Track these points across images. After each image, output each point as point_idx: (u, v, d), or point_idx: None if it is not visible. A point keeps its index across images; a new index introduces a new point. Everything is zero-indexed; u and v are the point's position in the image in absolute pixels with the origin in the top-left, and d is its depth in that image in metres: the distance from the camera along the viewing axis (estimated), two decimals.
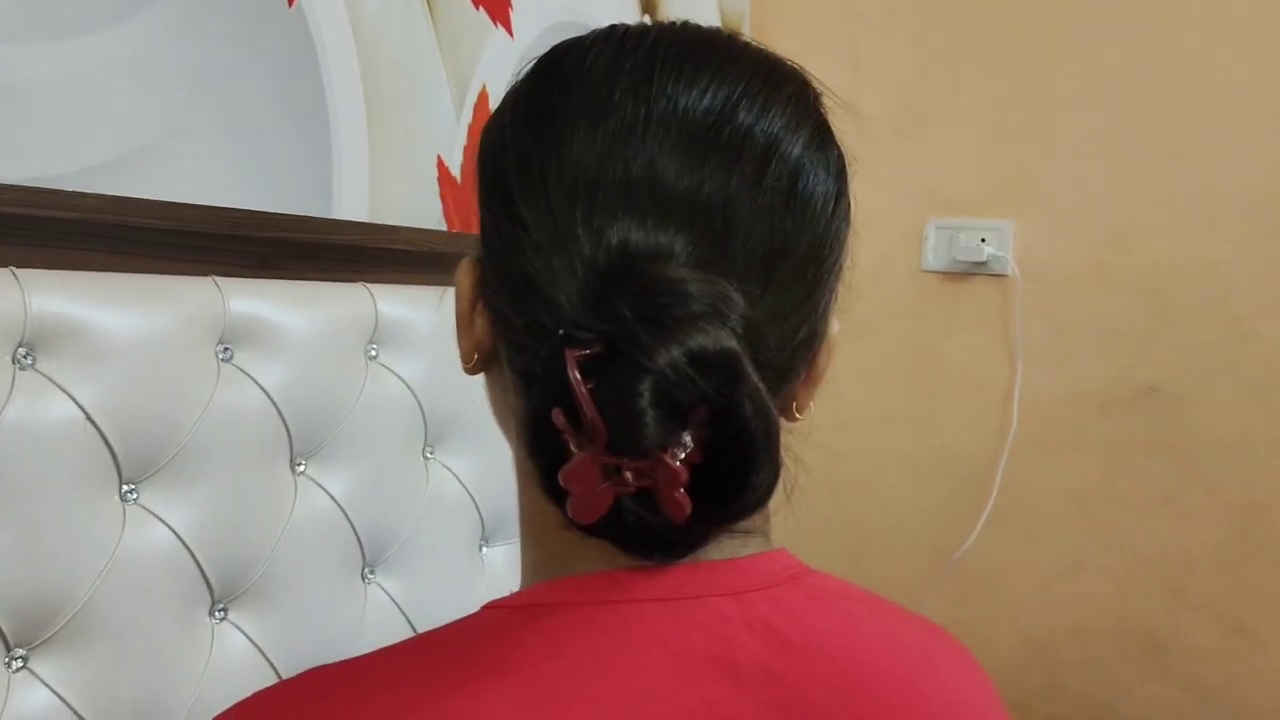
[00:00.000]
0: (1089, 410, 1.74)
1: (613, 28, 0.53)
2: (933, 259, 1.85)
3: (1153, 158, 1.68)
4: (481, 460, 1.24)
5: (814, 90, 0.54)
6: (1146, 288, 1.70)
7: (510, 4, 1.40)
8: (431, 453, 1.20)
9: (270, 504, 1.02)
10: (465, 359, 0.53)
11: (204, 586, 0.96)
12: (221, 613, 0.98)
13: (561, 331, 0.45)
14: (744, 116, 0.48)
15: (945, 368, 1.85)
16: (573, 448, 0.43)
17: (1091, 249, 1.74)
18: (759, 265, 0.48)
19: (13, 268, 0.83)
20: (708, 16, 1.87)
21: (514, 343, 0.50)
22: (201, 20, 1.02)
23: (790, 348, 0.50)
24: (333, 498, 1.07)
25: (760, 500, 0.47)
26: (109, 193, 0.92)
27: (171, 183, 0.99)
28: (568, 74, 0.51)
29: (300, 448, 1.04)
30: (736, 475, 0.45)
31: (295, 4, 1.11)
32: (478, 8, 1.35)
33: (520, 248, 0.48)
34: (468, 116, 1.33)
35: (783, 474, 0.48)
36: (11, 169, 0.88)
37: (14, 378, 0.82)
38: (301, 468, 1.05)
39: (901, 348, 1.88)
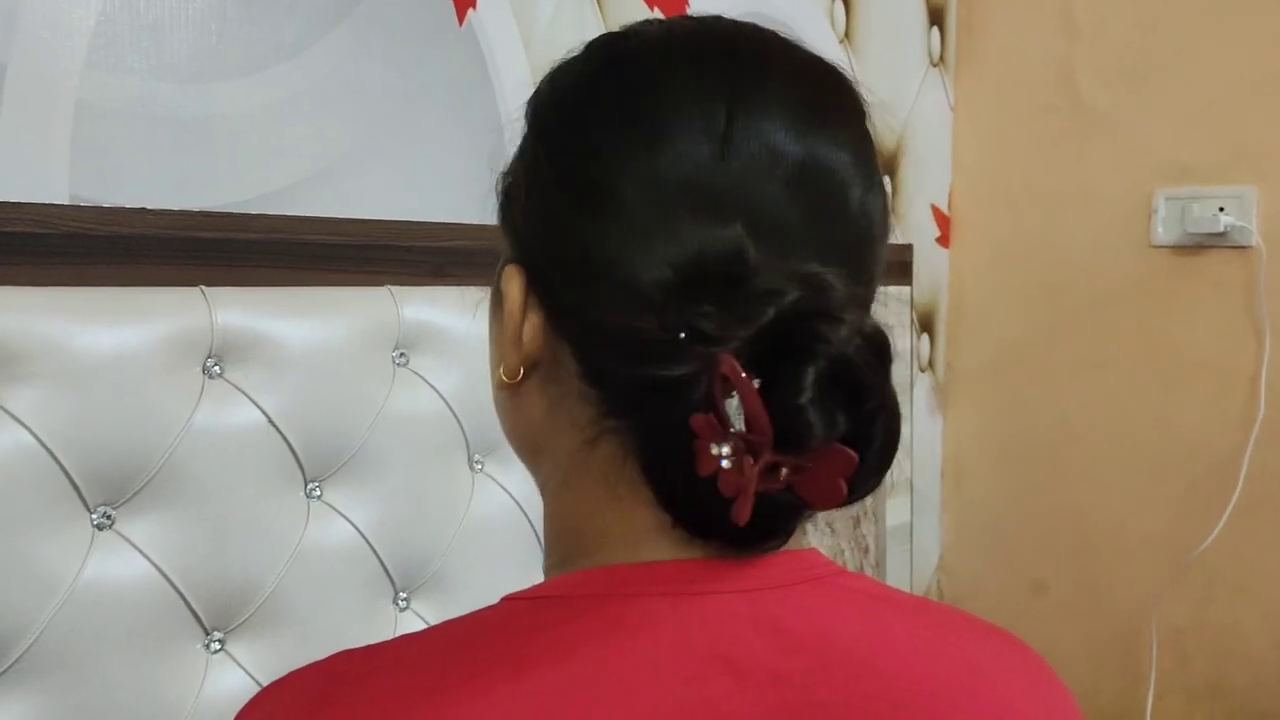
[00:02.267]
0: None
1: (664, 25, 0.54)
2: (1163, 233, 1.71)
3: None
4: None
5: (864, 105, 0.55)
6: None
7: (687, 2, 1.40)
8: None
9: (449, 500, 1.07)
10: (511, 374, 0.52)
11: (385, 578, 1.02)
12: (404, 602, 1.04)
13: (681, 333, 0.45)
14: (823, 153, 0.50)
15: (1180, 351, 1.71)
16: (714, 451, 0.44)
17: None
18: (848, 267, 0.49)
19: (201, 286, 0.92)
20: None
21: (599, 348, 0.49)
22: (374, 46, 1.08)
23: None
24: (510, 495, 1.12)
25: (879, 484, 0.48)
26: (290, 214, 1.00)
27: (349, 202, 1.06)
28: (651, 69, 0.51)
29: (477, 446, 1.09)
30: (883, 457, 0.46)
31: (466, 22, 1.16)
32: (652, 8, 1.36)
33: (623, 242, 0.48)
34: None
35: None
36: (202, 197, 0.97)
37: (203, 386, 0.91)
38: (480, 465, 1.10)
39: (1131, 331, 1.75)
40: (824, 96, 0.53)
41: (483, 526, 1.09)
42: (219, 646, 0.92)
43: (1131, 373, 1.75)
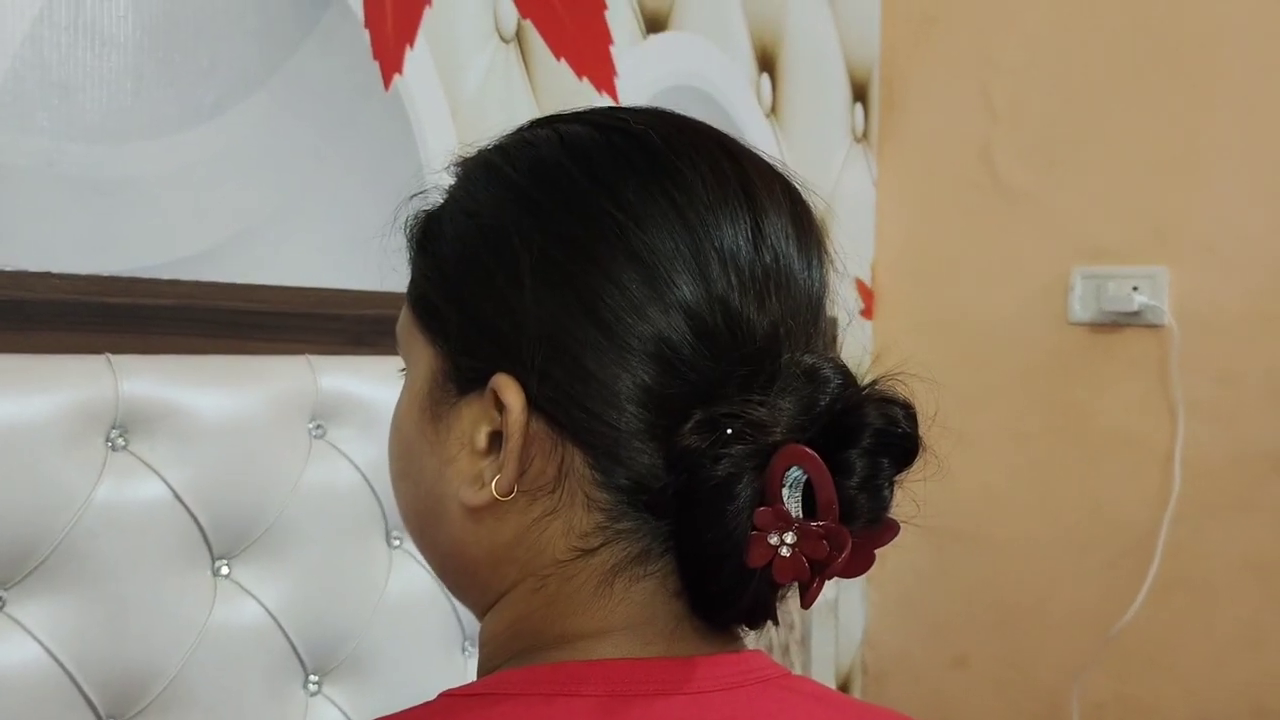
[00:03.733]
0: (1260, 469, 1.60)
1: (617, 110, 0.54)
2: (1080, 309, 1.75)
3: None
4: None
5: (800, 194, 0.55)
6: None
7: (615, 71, 1.41)
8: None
9: (365, 579, 1.03)
10: (505, 491, 0.48)
11: (296, 660, 0.97)
12: (315, 686, 0.99)
13: (731, 430, 0.46)
14: (781, 251, 0.51)
15: (1099, 426, 1.74)
16: (774, 541, 0.44)
17: (1256, 294, 1.61)
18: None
19: (108, 354, 0.88)
20: (834, 69, 1.84)
21: (627, 452, 0.48)
22: (296, 109, 1.06)
23: None
24: (430, 573, 1.08)
25: None
26: (204, 280, 0.97)
27: (267, 268, 1.03)
28: (665, 165, 0.50)
29: (396, 523, 1.05)
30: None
31: (392, 87, 1.14)
32: (581, 77, 1.36)
33: (628, 348, 0.48)
34: None
35: None
36: (111, 261, 0.93)
37: (106, 459, 0.86)
38: (399, 542, 1.06)
39: (1051, 404, 1.78)
40: (779, 182, 0.54)
41: (401, 606, 1.05)
42: None
43: (1052, 446, 1.78)
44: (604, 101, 1.39)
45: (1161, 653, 1.68)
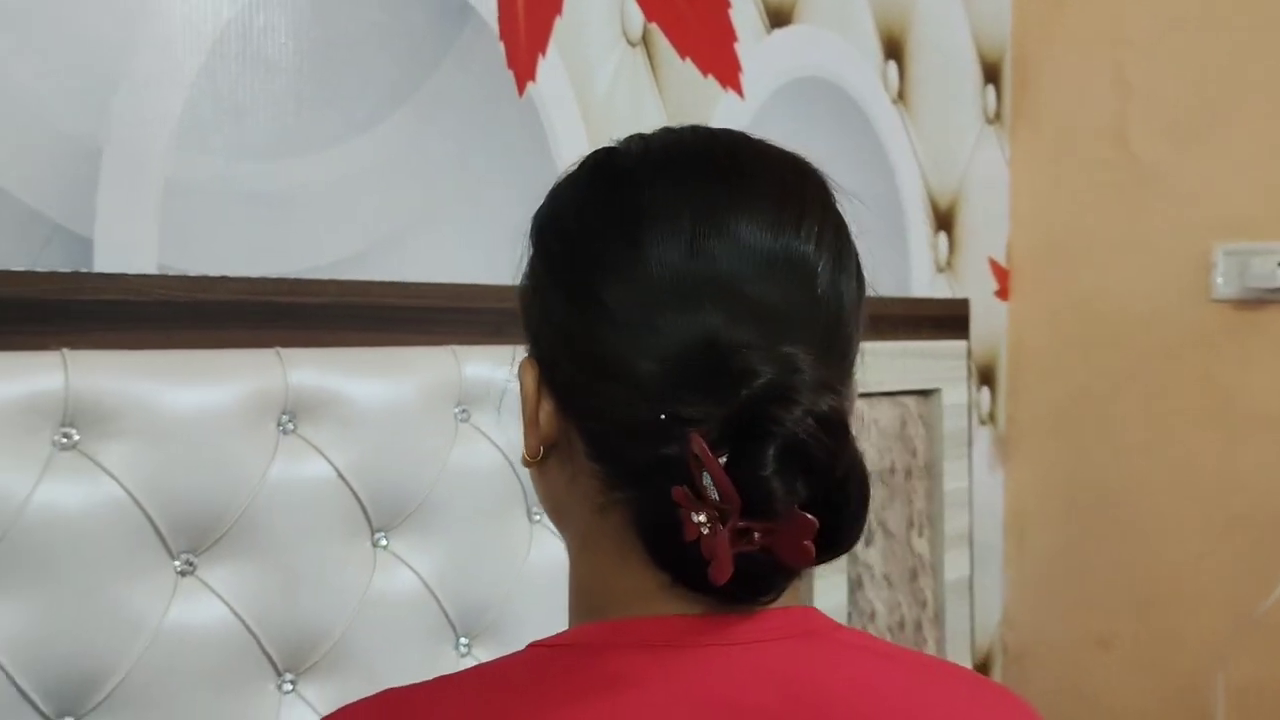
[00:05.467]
0: None
1: (645, 140, 0.60)
2: (1223, 286, 1.72)
3: None
4: None
5: (830, 190, 0.60)
6: None
7: (740, 67, 1.46)
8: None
9: (508, 550, 1.12)
10: (531, 454, 0.59)
11: (447, 624, 1.07)
12: (465, 648, 1.09)
13: (664, 415, 0.52)
14: (791, 244, 0.56)
15: (1243, 404, 1.70)
16: (695, 518, 0.50)
17: None
18: (818, 346, 0.55)
19: (277, 348, 0.98)
20: (964, 52, 1.85)
21: (600, 431, 0.55)
22: (439, 120, 1.15)
23: (846, 406, 0.56)
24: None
25: (854, 542, 0.53)
26: (361, 279, 1.07)
27: (414, 266, 1.12)
28: (635, 183, 0.57)
29: (535, 500, 1.14)
30: (845, 522, 0.52)
31: (525, 94, 1.22)
32: (706, 74, 1.42)
33: (610, 339, 0.54)
34: None
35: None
36: (279, 264, 1.04)
37: (278, 442, 0.97)
38: (538, 518, 1.15)
39: (1193, 383, 1.75)
40: (788, 193, 0.58)
41: (540, 575, 1.13)
42: (291, 688, 0.97)
43: (1194, 425, 1.75)
44: (729, 98, 1.45)
45: None
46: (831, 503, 0.50)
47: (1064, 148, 1.89)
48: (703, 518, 0.49)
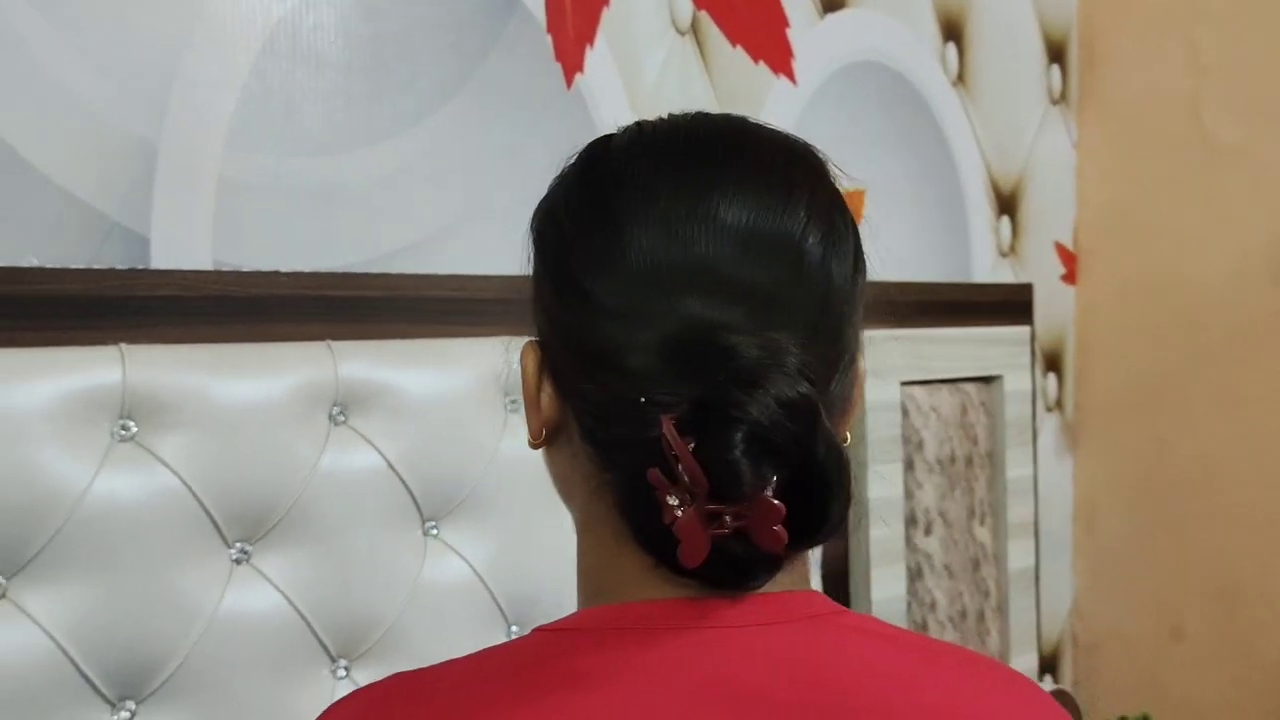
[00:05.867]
0: None
1: (639, 126, 0.61)
2: None
3: None
4: None
5: (824, 170, 0.59)
6: None
7: (792, 53, 1.45)
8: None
9: (556, 541, 1.12)
10: (534, 435, 0.59)
11: (497, 612, 1.08)
12: (515, 634, 1.10)
13: (644, 399, 0.52)
14: (775, 222, 0.55)
15: None
16: (669, 500, 0.50)
17: None
18: (804, 328, 0.54)
19: (328, 340, 1.00)
20: (1027, 31, 1.81)
21: (590, 414, 0.55)
22: (487, 112, 1.16)
23: (838, 389, 0.56)
24: None
25: (836, 528, 0.52)
26: (411, 272, 1.08)
27: (464, 259, 1.14)
28: (616, 171, 0.58)
29: None
30: (818, 507, 0.51)
31: (574, 85, 1.23)
32: (757, 62, 1.41)
33: (594, 326, 0.55)
34: None
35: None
36: (330, 258, 1.06)
37: (329, 433, 0.99)
38: None
39: (1265, 368, 1.70)
40: (774, 174, 0.57)
41: None
42: (344, 674, 0.99)
43: (1270, 409, 1.70)
44: (781, 85, 1.44)
45: None
46: (805, 489, 0.50)
47: (1134, 128, 1.84)
48: (674, 500, 0.50)
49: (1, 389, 0.84)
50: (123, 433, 0.89)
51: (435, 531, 1.05)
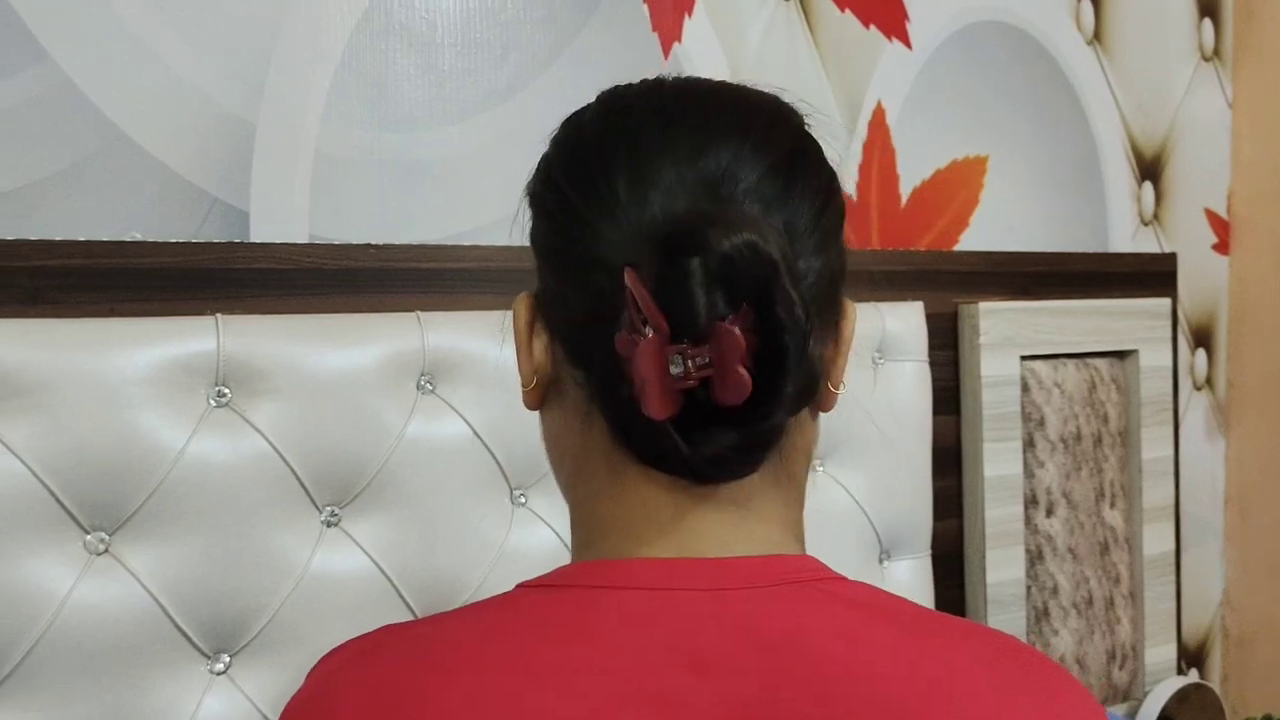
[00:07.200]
0: None
1: (614, 88, 0.62)
2: None
3: None
4: (872, 476, 1.25)
5: (794, 125, 0.58)
6: None
7: (907, 15, 1.40)
8: (821, 465, 1.24)
9: None
10: (526, 381, 0.58)
11: None
12: None
13: (614, 275, 0.51)
14: (715, 166, 0.54)
15: None
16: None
17: None
18: (785, 232, 0.53)
19: (417, 312, 1.02)
20: None
21: (570, 325, 0.55)
22: (581, 85, 1.15)
23: (814, 286, 0.54)
24: None
25: (792, 409, 0.51)
26: (499, 244, 1.10)
27: None
28: (605, 118, 0.59)
29: None
30: (772, 376, 0.49)
31: (671, 55, 1.22)
32: (868, 26, 1.37)
33: (576, 235, 0.54)
34: (862, 135, 1.35)
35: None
36: (421, 231, 1.08)
37: (416, 401, 1.01)
38: None
39: None
40: (727, 124, 0.56)
41: None
42: None
43: None
44: (895, 49, 1.39)
45: None
46: (766, 331, 0.48)
47: None
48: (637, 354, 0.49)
49: (105, 356, 0.89)
50: (218, 399, 0.93)
51: (524, 500, 1.07)
